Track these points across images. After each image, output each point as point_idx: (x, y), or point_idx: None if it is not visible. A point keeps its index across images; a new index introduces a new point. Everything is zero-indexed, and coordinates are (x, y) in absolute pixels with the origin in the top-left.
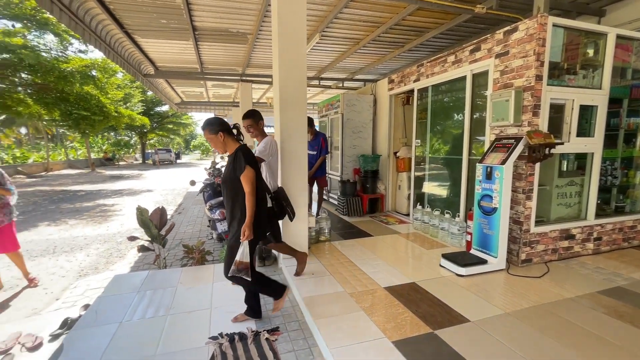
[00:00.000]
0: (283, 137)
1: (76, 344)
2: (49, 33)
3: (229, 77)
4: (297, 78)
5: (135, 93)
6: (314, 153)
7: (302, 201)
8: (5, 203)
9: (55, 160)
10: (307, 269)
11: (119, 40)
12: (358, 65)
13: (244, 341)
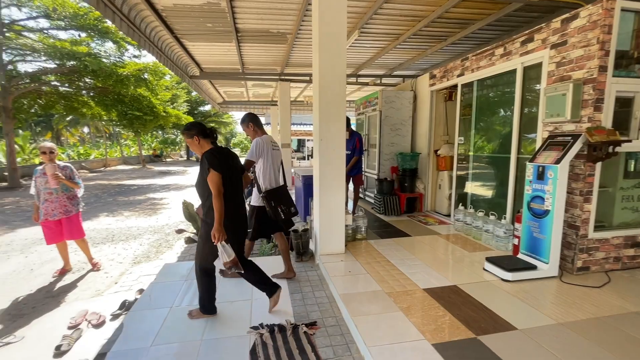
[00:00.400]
0: (322, 135)
1: (134, 324)
2: (109, 41)
3: (268, 76)
4: (337, 76)
5: (181, 94)
6: (348, 153)
7: (339, 199)
8: (74, 195)
9: (112, 157)
10: (343, 266)
11: (169, 45)
12: (397, 61)
13: (283, 333)
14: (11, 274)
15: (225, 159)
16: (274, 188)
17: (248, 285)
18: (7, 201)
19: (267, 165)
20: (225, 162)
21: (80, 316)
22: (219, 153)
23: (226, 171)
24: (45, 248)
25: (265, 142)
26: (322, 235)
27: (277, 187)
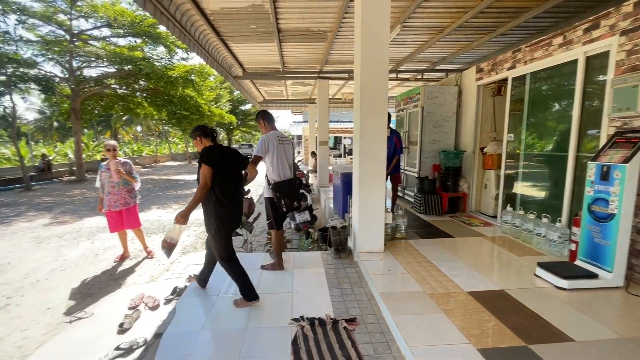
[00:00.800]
0: (363, 132)
1: (185, 309)
2: (160, 45)
3: (307, 75)
4: (379, 72)
5: (224, 94)
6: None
7: (378, 197)
8: (132, 188)
9: (162, 154)
10: (382, 265)
11: (216, 47)
12: (440, 55)
13: (323, 327)
14: (80, 258)
15: (221, 156)
16: (282, 181)
17: (289, 278)
18: (75, 193)
19: (275, 159)
20: (219, 158)
21: (138, 298)
22: (215, 149)
23: (219, 166)
24: (108, 236)
25: (271, 138)
26: (361, 233)
27: (285, 180)
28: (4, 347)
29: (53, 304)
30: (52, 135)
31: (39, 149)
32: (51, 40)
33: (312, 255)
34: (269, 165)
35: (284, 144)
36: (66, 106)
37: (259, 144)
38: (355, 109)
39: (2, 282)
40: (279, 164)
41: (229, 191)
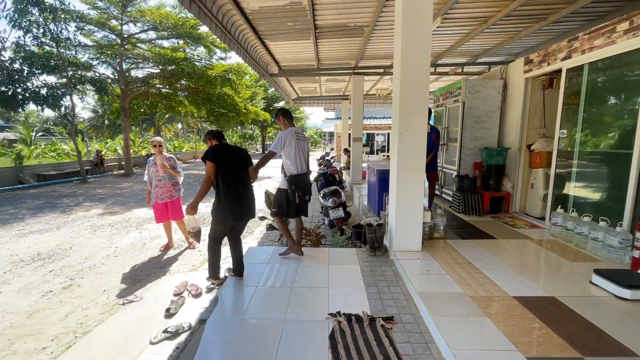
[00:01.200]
0: (402, 128)
1: (227, 298)
2: (201, 46)
3: (342, 71)
4: (420, 66)
5: (259, 91)
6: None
7: (417, 195)
8: (177, 182)
9: (200, 150)
10: (420, 264)
11: (253, 46)
12: (483, 47)
13: (360, 323)
14: (130, 246)
15: (224, 154)
16: (298, 174)
17: (324, 273)
18: (124, 186)
19: (292, 154)
20: (222, 155)
21: (182, 286)
22: (217, 148)
23: (222, 163)
24: (154, 226)
25: (289, 135)
26: (397, 231)
27: (301, 173)
28: (68, 323)
29: (108, 286)
30: (103, 132)
31: (92, 145)
32: (104, 44)
33: (347, 252)
34: (286, 159)
35: (301, 140)
36: (116, 105)
37: (277, 140)
38: (394, 105)
39: (66, 264)
40: (297, 158)
41: (232, 186)
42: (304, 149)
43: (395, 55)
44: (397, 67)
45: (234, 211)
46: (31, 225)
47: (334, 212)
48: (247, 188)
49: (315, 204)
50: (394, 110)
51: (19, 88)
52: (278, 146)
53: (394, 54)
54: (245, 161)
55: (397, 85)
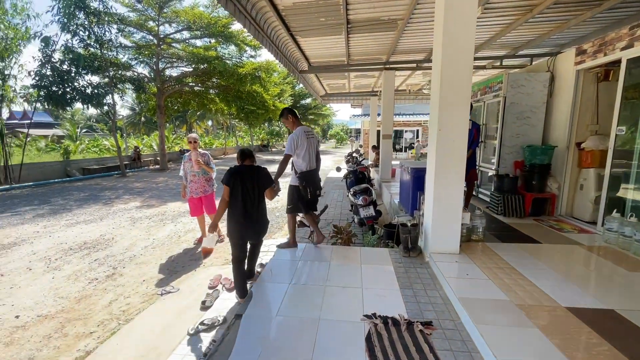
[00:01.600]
0: (441, 124)
1: (261, 294)
2: (232, 44)
3: (372, 66)
4: (463, 59)
5: (286, 89)
6: None
7: (456, 195)
8: (210, 177)
9: (229, 146)
10: (459, 268)
11: (285, 42)
12: (525, 38)
13: (397, 327)
14: (166, 238)
15: (241, 176)
16: (308, 170)
17: (357, 273)
18: (159, 180)
19: (303, 152)
20: (237, 178)
21: (216, 279)
22: (234, 171)
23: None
24: (187, 220)
25: (300, 134)
26: (434, 232)
27: (310, 169)
28: (112, 310)
29: (147, 276)
30: (140, 129)
31: (130, 141)
32: (142, 44)
33: (379, 252)
34: (296, 157)
35: (310, 137)
36: (152, 103)
37: (289, 142)
38: (432, 100)
39: (109, 254)
40: (306, 155)
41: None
42: (313, 146)
43: (436, 47)
44: (437, 59)
45: (237, 230)
46: (78, 215)
47: (365, 210)
48: (255, 210)
49: (343, 201)
50: (433, 105)
51: (68, 87)
52: (292, 148)
53: (434, 46)
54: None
55: (436, 78)
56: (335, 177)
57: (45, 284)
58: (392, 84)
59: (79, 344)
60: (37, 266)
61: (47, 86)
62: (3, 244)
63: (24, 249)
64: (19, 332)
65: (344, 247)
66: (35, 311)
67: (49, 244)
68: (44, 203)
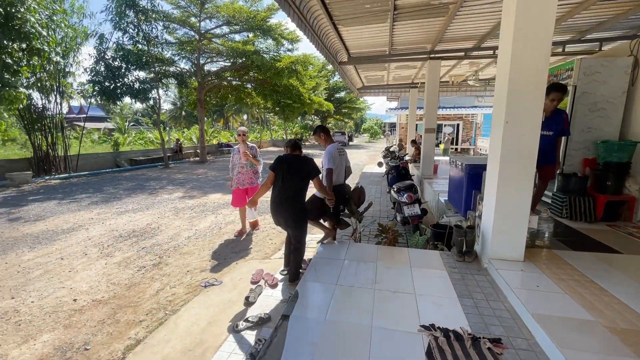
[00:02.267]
0: (508, 115)
1: (307, 294)
2: (270, 38)
3: (416, 56)
4: (538, 42)
5: (321, 82)
6: (549, 134)
7: (523, 196)
8: (256, 170)
9: (264, 140)
10: (525, 277)
11: (326, 32)
12: (596, 20)
13: (461, 342)
14: (208, 229)
15: (283, 164)
16: (336, 185)
17: (408, 277)
18: (199, 172)
19: (338, 167)
20: (281, 165)
21: (258, 274)
22: (281, 158)
23: (279, 171)
24: (228, 211)
25: (334, 151)
26: (495, 236)
27: (339, 184)
28: (159, 299)
29: (191, 267)
30: (181, 123)
31: (172, 134)
32: (185, 40)
33: (430, 255)
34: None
35: (342, 154)
36: (193, 97)
37: (327, 156)
38: (499, 88)
39: (155, 243)
40: (337, 171)
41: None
42: (343, 162)
43: (505, 29)
44: (506, 42)
45: (272, 214)
46: (126, 204)
47: (410, 208)
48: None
49: (382, 197)
50: (499, 95)
51: (118, 83)
52: (331, 161)
53: (502, 29)
54: (301, 173)
55: (504, 63)
56: (371, 172)
57: (99, 269)
58: (437, 75)
59: (129, 332)
60: (91, 252)
61: (101, 82)
62: (63, 228)
63: (80, 234)
64: (77, 315)
65: (389, 247)
66: (90, 295)
67: (102, 231)
68: (97, 191)
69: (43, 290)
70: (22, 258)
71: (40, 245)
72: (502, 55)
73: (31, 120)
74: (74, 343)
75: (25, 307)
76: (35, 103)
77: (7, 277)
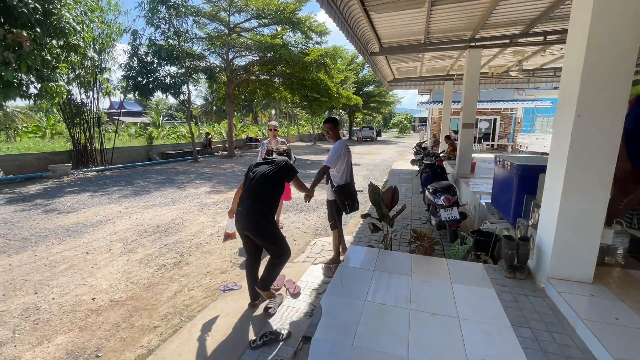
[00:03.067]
0: (580, 108)
1: (332, 311)
2: (298, 31)
3: (454, 45)
4: (625, 19)
5: (350, 75)
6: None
7: (597, 205)
8: None
9: (291, 134)
10: (601, 307)
11: (357, 20)
12: None
13: None
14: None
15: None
16: (345, 184)
17: (448, 294)
18: (227, 166)
19: (343, 165)
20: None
21: (279, 281)
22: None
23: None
24: None
25: (342, 148)
26: (556, 251)
27: (346, 183)
28: (176, 303)
29: (211, 267)
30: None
31: (202, 129)
32: (214, 35)
33: (472, 268)
34: (334, 172)
35: (348, 151)
36: (222, 92)
37: (333, 154)
38: (566, 76)
39: (177, 239)
40: (345, 169)
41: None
42: (349, 160)
43: (577, 6)
44: (580, 19)
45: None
46: (155, 198)
47: (447, 212)
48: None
49: (413, 197)
50: (568, 84)
51: (151, 78)
52: (334, 161)
53: (573, 6)
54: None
55: (578, 45)
56: (400, 170)
57: (121, 266)
58: (478, 65)
59: (143, 339)
60: (116, 247)
61: (134, 77)
62: (92, 221)
63: (107, 228)
64: (93, 316)
65: (425, 257)
66: (109, 295)
67: (128, 225)
68: (128, 184)
69: (65, 286)
70: (51, 251)
71: (69, 238)
72: (574, 36)
73: (71, 115)
74: (87, 348)
75: (45, 304)
76: (75, 98)
77: (35, 270)
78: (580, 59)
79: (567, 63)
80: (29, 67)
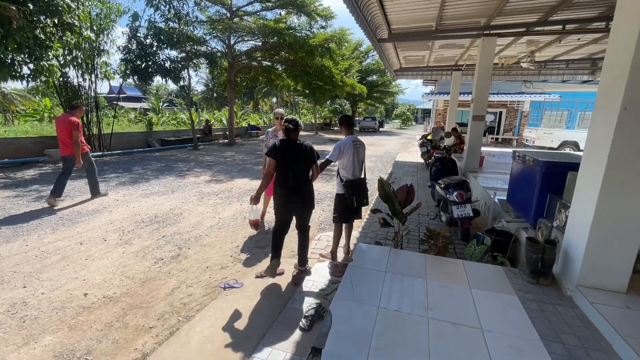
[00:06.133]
0: (627, 100)
1: (342, 317)
2: (302, 15)
3: (467, 32)
4: None
5: (354, 64)
6: None
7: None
8: None
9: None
10: (636, 317)
11: (368, 3)
12: None
13: None
14: (232, 218)
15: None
16: (353, 179)
17: (468, 302)
18: (227, 154)
19: (349, 161)
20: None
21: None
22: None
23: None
24: None
25: (347, 144)
26: (588, 257)
27: (355, 179)
28: (174, 301)
29: (211, 262)
30: (212, 104)
31: (203, 116)
32: (216, 19)
33: (491, 270)
34: (341, 167)
35: (357, 147)
36: (224, 78)
37: (335, 149)
38: (610, 64)
39: (176, 231)
40: (351, 164)
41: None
42: (359, 156)
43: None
44: (631, 4)
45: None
46: (153, 186)
47: (460, 209)
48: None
49: (419, 191)
50: (613, 73)
51: (150, 61)
52: (335, 155)
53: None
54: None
55: (630, 31)
56: (404, 162)
57: (116, 258)
58: (491, 55)
59: (137, 341)
60: (111, 237)
61: (133, 60)
62: (88, 210)
63: (103, 217)
64: (84, 314)
65: (439, 257)
66: (102, 290)
67: (124, 214)
68: (126, 171)
69: (56, 280)
70: (44, 240)
71: (63, 227)
72: (623, 19)
73: (67, 99)
74: (76, 350)
75: (34, 300)
76: (72, 81)
77: (25, 261)
78: (631, 44)
79: (612, 50)
80: (19, 44)
